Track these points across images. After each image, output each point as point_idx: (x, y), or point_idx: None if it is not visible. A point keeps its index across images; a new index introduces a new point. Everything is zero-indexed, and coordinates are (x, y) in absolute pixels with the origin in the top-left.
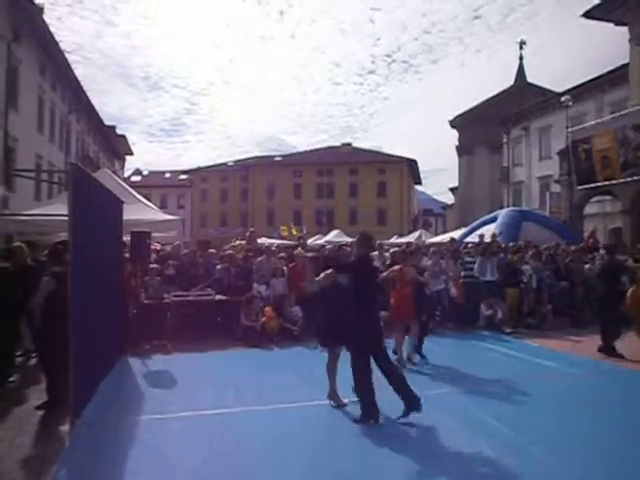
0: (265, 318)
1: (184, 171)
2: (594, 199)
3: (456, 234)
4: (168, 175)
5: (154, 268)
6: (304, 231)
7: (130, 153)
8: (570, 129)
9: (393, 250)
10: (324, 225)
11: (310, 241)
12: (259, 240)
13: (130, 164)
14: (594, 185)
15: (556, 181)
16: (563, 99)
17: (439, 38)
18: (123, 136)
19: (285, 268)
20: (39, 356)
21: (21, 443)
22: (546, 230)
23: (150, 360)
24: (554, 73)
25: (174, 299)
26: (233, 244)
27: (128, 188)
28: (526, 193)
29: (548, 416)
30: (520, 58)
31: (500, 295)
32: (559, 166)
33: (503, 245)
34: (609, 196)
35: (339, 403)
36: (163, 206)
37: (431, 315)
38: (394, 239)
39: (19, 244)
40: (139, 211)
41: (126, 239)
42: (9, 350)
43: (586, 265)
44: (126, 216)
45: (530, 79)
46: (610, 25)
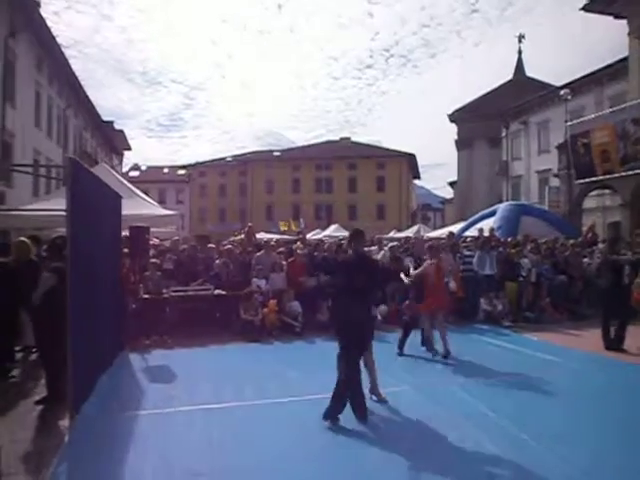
0: (267, 310)
1: (182, 166)
2: (593, 193)
3: (455, 228)
4: (166, 170)
5: (154, 263)
6: (302, 225)
7: (128, 148)
8: (569, 123)
9: (391, 245)
10: (323, 219)
11: (309, 236)
12: (258, 235)
13: (128, 159)
14: (593, 179)
15: (555, 175)
16: (562, 93)
17: (437, 32)
18: (121, 131)
19: (284, 263)
20: (39, 351)
21: (21, 438)
22: (545, 224)
23: (149, 355)
24: (553, 67)
25: (173, 294)
26: (233, 237)
27: (126, 183)
28: (525, 187)
29: (547, 409)
30: (519, 52)
31: (499, 289)
32: (558, 160)
33: (502, 239)
34: (608, 190)
35: (380, 398)
36: (161, 201)
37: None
38: (392, 233)
39: (23, 239)
40: (137, 206)
41: (125, 234)
42: (9, 345)
43: (585, 259)
44: (125, 211)
45: (529, 73)
46: (609, 18)
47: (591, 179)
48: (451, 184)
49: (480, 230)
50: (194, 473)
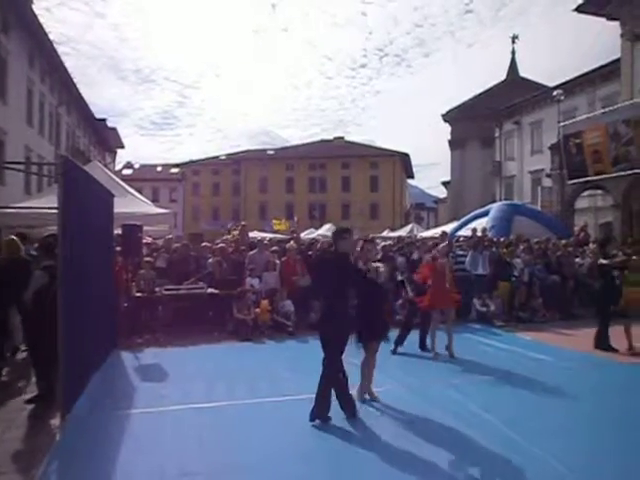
0: (259, 310)
1: (176, 164)
2: (585, 193)
3: (448, 228)
4: (160, 169)
5: (149, 261)
6: (295, 223)
7: (121, 146)
8: (562, 123)
9: (383, 244)
10: (317, 219)
11: (303, 235)
12: (251, 234)
13: (121, 157)
14: (585, 179)
15: (548, 175)
16: (555, 93)
17: (431, 32)
18: (114, 129)
19: (277, 262)
20: (30, 350)
21: (11, 437)
22: (537, 224)
23: (142, 353)
24: (546, 67)
25: (166, 293)
26: (227, 236)
27: (119, 181)
28: (518, 187)
29: (539, 409)
30: (512, 52)
31: (491, 289)
32: (550, 160)
33: (495, 239)
34: (600, 191)
35: (373, 396)
36: (155, 200)
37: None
38: (386, 233)
39: (12, 237)
40: (130, 204)
41: (117, 232)
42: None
43: (576, 259)
44: (117, 209)
45: (522, 73)
46: (602, 20)
47: (583, 179)
48: (444, 184)
49: (473, 230)
50: (185, 472)
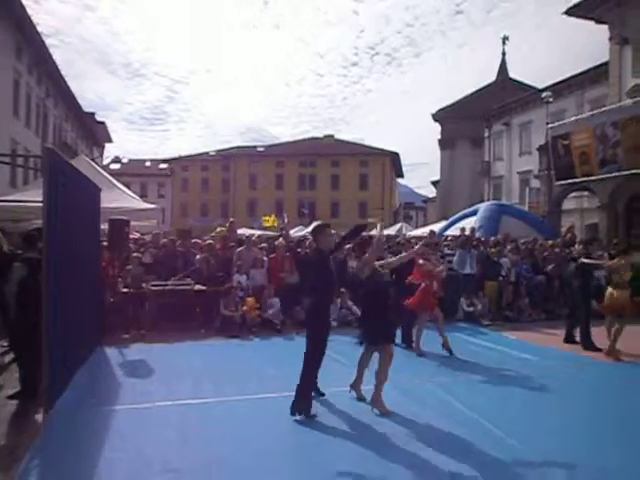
0: (246, 308)
1: (165, 160)
2: (572, 195)
3: (437, 227)
4: (148, 164)
5: (136, 257)
6: (285, 220)
7: (109, 141)
8: (550, 125)
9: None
10: (306, 217)
11: (291, 232)
12: (240, 230)
13: (109, 152)
14: (572, 181)
15: (536, 176)
16: (544, 95)
17: (422, 32)
18: (102, 123)
19: (265, 259)
20: (12, 344)
21: None
22: (525, 225)
23: (127, 349)
24: (536, 69)
25: (152, 288)
26: (214, 233)
27: (107, 175)
28: (506, 187)
29: (525, 407)
30: (503, 54)
31: (478, 288)
32: (539, 161)
33: (483, 239)
34: (587, 192)
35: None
36: (143, 195)
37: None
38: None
39: None
40: (118, 199)
41: (104, 227)
42: None
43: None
44: (104, 204)
45: (512, 75)
46: (591, 23)
47: (570, 181)
48: (434, 183)
49: (462, 229)
50: (170, 469)
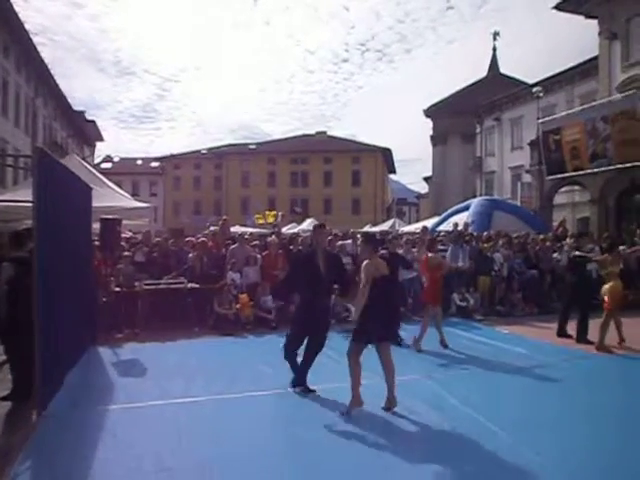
0: (240, 305)
1: (156, 158)
2: (563, 189)
3: (429, 223)
4: (140, 162)
5: (127, 256)
6: (279, 218)
7: (100, 139)
8: (541, 120)
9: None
10: (298, 214)
11: (284, 229)
12: (233, 228)
13: (100, 151)
14: (563, 175)
15: (527, 171)
16: (534, 90)
17: (413, 28)
18: (92, 122)
19: (259, 256)
20: (4, 345)
21: None
22: (517, 219)
23: (120, 349)
24: (526, 64)
25: (145, 287)
26: (207, 231)
27: (98, 174)
28: (498, 183)
29: (517, 401)
30: (493, 49)
31: (471, 283)
32: (530, 156)
33: (476, 234)
34: (578, 186)
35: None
36: (135, 193)
37: (403, 303)
38: (367, 228)
39: None
40: (109, 198)
41: (96, 226)
42: None
43: (554, 254)
44: (96, 203)
45: (503, 70)
46: (581, 18)
47: (561, 175)
48: (426, 179)
49: (455, 224)
50: (164, 468)
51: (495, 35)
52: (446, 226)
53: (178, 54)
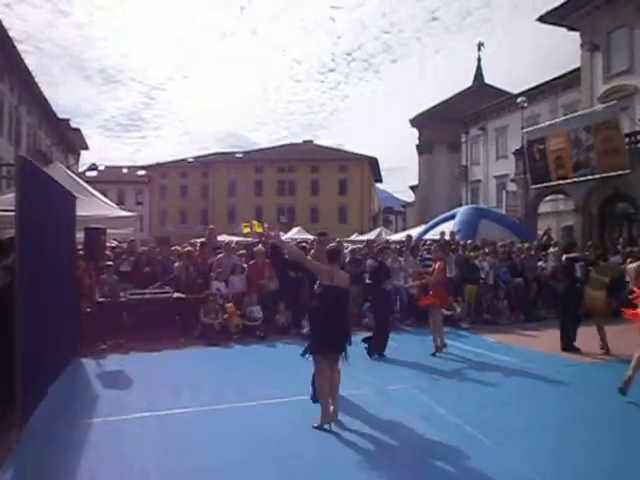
0: (227, 315)
1: (142, 167)
2: (548, 198)
3: (415, 231)
4: (126, 171)
5: (110, 265)
6: (266, 226)
7: (85, 148)
8: (525, 130)
9: (353, 247)
10: (285, 224)
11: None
12: (219, 237)
13: (85, 159)
14: (548, 184)
15: (512, 180)
16: (519, 100)
17: (398, 38)
18: (77, 130)
19: (245, 265)
20: None
21: None
22: (502, 228)
23: (105, 360)
24: (510, 74)
25: (131, 297)
26: (195, 240)
27: (82, 183)
28: (484, 191)
29: (504, 409)
30: (478, 59)
31: (457, 292)
32: (515, 165)
33: (462, 242)
34: (562, 195)
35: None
36: (120, 202)
37: (390, 311)
38: (354, 236)
39: None
40: (94, 207)
41: (80, 236)
42: None
43: (539, 262)
44: (80, 212)
45: (488, 80)
46: (563, 30)
47: (546, 184)
48: (412, 188)
49: (442, 233)
50: None
51: (480, 46)
52: (433, 235)
53: (165, 62)
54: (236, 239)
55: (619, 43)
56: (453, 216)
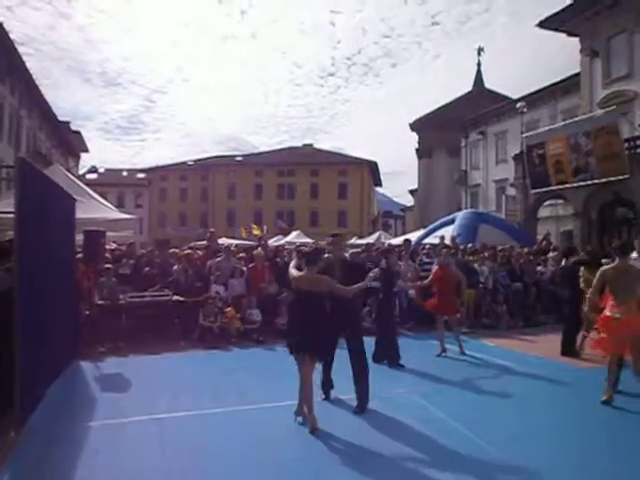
0: (227, 319)
1: (142, 169)
2: (547, 203)
3: (414, 235)
4: (125, 173)
5: (109, 268)
6: (265, 230)
7: (85, 150)
8: (525, 134)
9: (352, 251)
10: (285, 228)
11: (271, 242)
12: (219, 240)
13: (85, 162)
14: (547, 189)
15: (512, 184)
16: (518, 105)
17: (398, 43)
18: (78, 132)
19: (244, 269)
20: None
21: None
22: (502, 232)
23: (104, 363)
24: (510, 79)
25: (130, 300)
26: (195, 242)
27: (82, 185)
28: (483, 196)
29: (504, 414)
30: (478, 64)
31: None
32: (514, 170)
33: (462, 247)
34: (561, 200)
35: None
36: (120, 205)
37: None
38: (354, 240)
39: None
40: (93, 209)
41: (80, 238)
42: None
43: (538, 267)
44: (79, 214)
45: (488, 85)
46: (563, 35)
47: (545, 189)
48: (412, 192)
49: (442, 237)
50: None
51: (479, 51)
52: (432, 239)
53: (165, 66)
54: (235, 242)
55: (619, 49)
56: (452, 220)
